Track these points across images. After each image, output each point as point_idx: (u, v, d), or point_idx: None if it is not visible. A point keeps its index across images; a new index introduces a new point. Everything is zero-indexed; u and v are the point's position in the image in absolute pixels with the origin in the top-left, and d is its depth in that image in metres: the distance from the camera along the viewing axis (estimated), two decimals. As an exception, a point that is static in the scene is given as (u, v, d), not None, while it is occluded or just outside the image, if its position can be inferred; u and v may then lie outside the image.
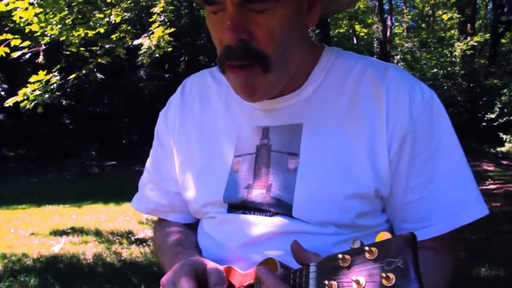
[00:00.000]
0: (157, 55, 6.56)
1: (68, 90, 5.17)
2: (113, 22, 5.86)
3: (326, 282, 0.57)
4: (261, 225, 0.81)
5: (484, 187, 8.14)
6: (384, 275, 0.52)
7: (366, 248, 0.56)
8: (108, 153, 13.01)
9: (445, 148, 0.81)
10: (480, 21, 20.15)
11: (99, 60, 5.22)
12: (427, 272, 0.78)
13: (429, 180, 0.80)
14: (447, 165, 0.81)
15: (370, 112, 0.80)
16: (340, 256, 0.57)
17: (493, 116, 15.39)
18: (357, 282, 0.54)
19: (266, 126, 0.86)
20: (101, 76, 5.47)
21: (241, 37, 0.73)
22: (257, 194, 0.82)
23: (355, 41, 21.59)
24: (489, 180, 9.39)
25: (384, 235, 0.58)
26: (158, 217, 1.05)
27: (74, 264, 3.97)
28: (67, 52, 5.62)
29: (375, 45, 21.72)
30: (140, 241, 5.00)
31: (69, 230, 5.52)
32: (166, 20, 7.44)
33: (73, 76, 5.21)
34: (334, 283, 0.56)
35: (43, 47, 4.87)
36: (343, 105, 0.82)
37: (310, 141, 0.82)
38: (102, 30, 5.64)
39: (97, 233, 5.43)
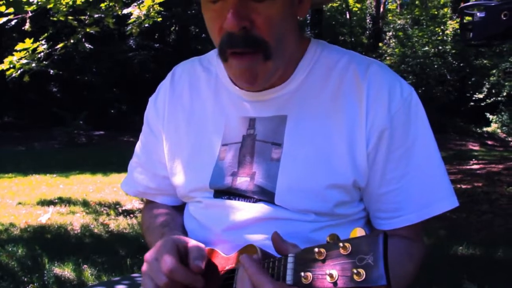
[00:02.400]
0: (146, 25, 6.47)
1: (56, 57, 5.09)
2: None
3: (302, 273, 0.61)
4: (245, 210, 0.84)
5: (468, 167, 8.31)
6: (355, 270, 0.56)
7: (341, 244, 0.59)
8: (96, 123, 12.93)
9: (420, 144, 0.85)
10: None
11: (88, 30, 5.14)
12: (399, 259, 0.83)
13: (404, 173, 0.85)
14: (421, 160, 0.85)
15: (352, 107, 0.83)
16: (316, 249, 0.61)
17: (481, 96, 15.56)
18: (331, 276, 0.57)
19: (253, 117, 0.89)
20: (90, 46, 5.36)
21: (244, 24, 0.76)
22: (242, 181, 0.86)
23: (348, 16, 21.40)
24: (473, 160, 9.57)
25: (358, 232, 0.62)
26: (146, 198, 1.08)
27: (61, 235, 4.01)
28: (54, 18, 5.52)
29: (368, 20, 21.58)
30: (128, 213, 5.05)
31: (56, 200, 5.54)
32: (157, -10, 7.28)
33: (61, 45, 5.13)
34: (310, 274, 0.60)
35: (30, 14, 4.77)
36: (326, 99, 0.85)
37: (294, 133, 0.85)
38: (90, -2, 5.52)
39: (85, 204, 5.46)
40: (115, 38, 13.01)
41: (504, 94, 14.69)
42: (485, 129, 15.58)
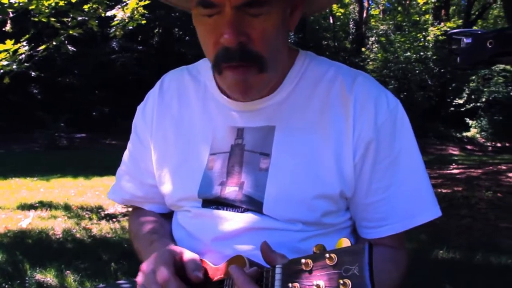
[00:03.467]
0: (130, 27, 6.43)
1: (37, 58, 5.02)
2: (85, -9, 5.68)
3: (290, 284, 0.62)
4: (233, 220, 0.85)
5: (448, 171, 8.45)
6: (341, 281, 0.58)
7: (327, 254, 0.61)
8: (78, 125, 12.77)
9: (405, 156, 0.87)
10: (454, 7, 20.44)
11: (71, 32, 5.08)
12: (384, 267, 0.86)
13: (389, 184, 0.87)
14: (406, 171, 0.87)
15: (339, 118, 0.85)
16: (303, 260, 0.63)
17: (461, 101, 15.86)
18: (318, 286, 0.59)
19: (241, 127, 0.90)
20: (73, 48, 5.31)
21: (240, 39, 0.77)
22: (230, 191, 0.87)
23: (331, 21, 21.60)
24: (453, 164, 9.74)
25: (344, 242, 0.64)
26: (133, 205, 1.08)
27: (43, 240, 3.95)
28: (36, 19, 5.45)
29: (351, 25, 21.80)
30: (110, 217, 5.00)
31: (37, 204, 5.45)
32: (141, -8, 7.24)
33: (43, 47, 5.07)
34: (297, 285, 0.61)
35: (11, 15, 4.70)
36: (314, 110, 0.87)
37: (282, 143, 0.87)
38: (73, 0, 5.47)
39: (66, 208, 5.38)
40: (97, 40, 12.88)
41: (483, 100, 15.01)
42: (464, 134, 15.87)
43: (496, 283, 3.07)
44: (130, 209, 3.82)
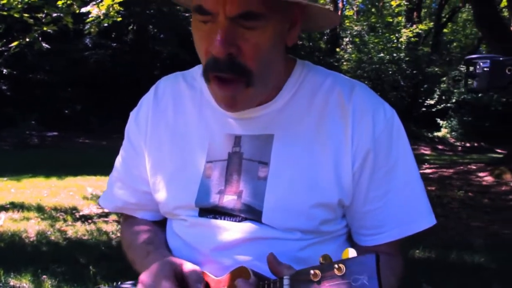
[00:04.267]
0: (105, 24, 6.31)
1: (6, 54, 4.88)
2: (59, -13, 5.54)
3: None
4: (232, 230, 0.85)
5: (421, 171, 8.62)
6: None
7: (336, 265, 0.62)
8: (50, 123, 12.44)
9: (401, 164, 0.89)
10: (426, 10, 20.91)
11: (45, 28, 4.95)
12: (382, 274, 0.87)
13: (386, 192, 0.88)
14: (402, 179, 0.89)
15: (337, 129, 0.86)
16: (312, 271, 0.63)
17: (432, 102, 16.24)
18: None
19: (238, 134, 0.89)
20: (47, 46, 5.18)
21: (230, 51, 0.77)
22: (229, 200, 0.86)
23: (306, 21, 21.70)
24: (426, 164, 9.98)
25: (350, 252, 0.65)
26: (125, 213, 1.06)
27: (16, 243, 3.83)
28: (5, 13, 5.29)
29: (326, 26, 21.95)
30: (85, 218, 4.90)
31: (8, 206, 5.29)
32: (117, -11, 7.11)
33: (15, 43, 4.92)
34: None
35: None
36: (312, 119, 0.88)
37: (280, 152, 0.87)
38: (47, -5, 5.33)
39: (39, 209, 5.24)
40: (70, 36, 12.58)
41: (453, 100, 15.41)
42: (436, 134, 16.27)
43: (470, 280, 3.16)
44: (106, 210, 3.75)
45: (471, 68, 0.95)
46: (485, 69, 0.92)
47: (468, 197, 6.10)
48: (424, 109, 16.53)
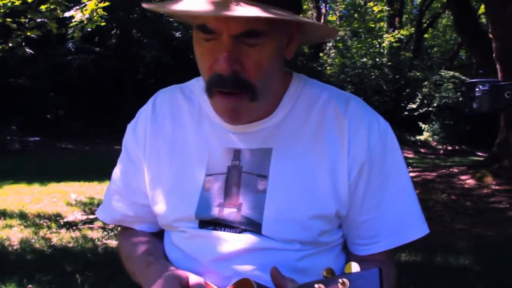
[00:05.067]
0: (89, 29, 6.25)
1: (-14, 58, 4.80)
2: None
3: None
4: (232, 241, 0.86)
5: (404, 175, 8.74)
6: None
7: (340, 279, 0.63)
8: (31, 128, 12.24)
9: (394, 176, 0.92)
10: (407, 15, 21.24)
11: (29, 34, 4.89)
12: None
13: (380, 203, 0.91)
14: (396, 190, 0.92)
15: (334, 141, 0.89)
16: (316, 285, 0.64)
17: (414, 106, 16.46)
18: None
19: (237, 148, 0.91)
20: (30, 51, 5.10)
21: (234, 68, 0.79)
22: (229, 212, 0.88)
23: (290, 26, 21.83)
24: (409, 167, 10.09)
25: (353, 267, 0.66)
26: (123, 225, 1.06)
27: (-1, 251, 3.78)
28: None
29: (309, 31, 22.11)
30: (70, 225, 4.84)
31: (-10, 213, 5.20)
32: (101, -7, 7.06)
33: (-3, 48, 4.85)
34: None
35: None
36: (309, 133, 0.90)
37: (279, 165, 0.89)
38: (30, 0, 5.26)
39: (22, 216, 5.16)
40: (53, 41, 12.41)
41: (435, 104, 15.64)
42: (418, 137, 16.50)
43: (456, 282, 3.22)
44: (91, 216, 3.75)
45: (475, 89, 0.99)
46: (484, 92, 0.96)
47: (451, 200, 6.21)
48: (406, 113, 16.75)
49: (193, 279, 0.80)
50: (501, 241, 4.56)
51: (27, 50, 4.93)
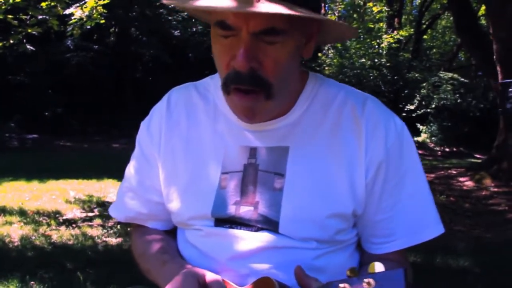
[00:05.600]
0: (88, 27, 6.23)
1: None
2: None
3: None
4: (249, 239, 0.87)
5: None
6: None
7: (365, 279, 0.63)
8: (30, 126, 12.21)
9: (411, 175, 0.92)
10: (406, 16, 21.27)
11: (30, 31, 4.88)
12: None
13: (396, 202, 0.91)
14: (412, 189, 0.92)
15: (351, 140, 0.89)
16: (341, 285, 0.65)
17: (412, 107, 16.46)
18: None
19: (254, 146, 0.91)
20: (32, 48, 5.10)
21: (252, 65, 0.79)
22: (245, 210, 0.88)
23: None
24: (407, 168, 10.10)
25: (377, 266, 0.66)
26: (136, 223, 1.06)
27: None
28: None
29: (309, 31, 22.11)
30: (69, 222, 4.83)
31: (-11, 210, 5.18)
32: (101, -9, 7.04)
33: (-2, 45, 4.83)
34: None
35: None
36: (326, 132, 0.90)
37: (296, 163, 0.89)
38: (30, -4, 5.25)
39: (22, 213, 5.14)
40: (51, 38, 12.37)
41: (433, 106, 15.66)
42: (416, 138, 16.50)
43: (456, 284, 3.23)
44: (90, 214, 3.73)
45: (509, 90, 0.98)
46: None
47: (450, 201, 6.22)
48: (404, 114, 16.73)
49: (210, 276, 0.81)
50: (500, 243, 4.57)
51: (28, 47, 4.91)
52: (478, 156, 13.59)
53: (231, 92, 0.83)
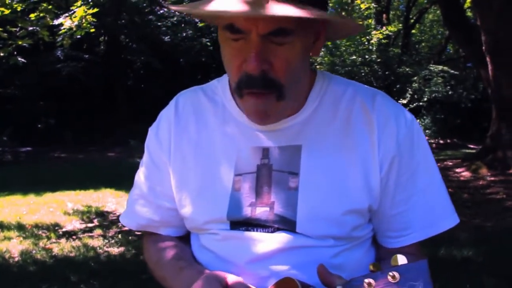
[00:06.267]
0: (78, 36, 6.21)
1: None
2: (30, 0, 5.45)
3: None
4: (267, 241, 0.86)
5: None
6: None
7: (390, 273, 0.63)
8: (23, 139, 12.13)
9: (423, 167, 0.92)
10: (394, 12, 21.38)
11: (20, 43, 4.85)
12: None
13: (411, 195, 0.91)
14: (426, 181, 0.92)
15: (363, 136, 0.89)
16: (366, 280, 0.64)
17: (404, 101, 16.52)
18: None
19: (266, 146, 0.90)
20: (23, 60, 5.06)
21: (263, 67, 0.79)
22: (261, 211, 0.87)
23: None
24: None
25: (399, 259, 0.66)
26: (148, 231, 1.05)
27: (0, 264, 3.72)
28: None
29: (297, 30, 22.18)
30: (70, 234, 4.80)
31: (-13, 226, 5.13)
32: (90, 0, 7.02)
33: (-11, 59, 4.79)
34: None
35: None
36: (338, 128, 0.90)
37: (309, 161, 0.88)
38: (19, 8, 5.22)
39: (20, 228, 5.10)
40: (40, 49, 12.30)
41: (425, 99, 15.74)
42: (409, 132, 16.55)
43: (460, 273, 3.24)
44: (90, 224, 3.72)
45: None
46: None
47: (448, 192, 6.24)
48: (397, 108, 16.82)
49: (232, 278, 0.80)
50: (501, 232, 4.60)
51: (20, 59, 4.88)
52: (472, 146, 13.68)
53: (244, 95, 0.83)
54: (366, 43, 16.99)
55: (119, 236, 4.64)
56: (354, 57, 16.59)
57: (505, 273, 3.26)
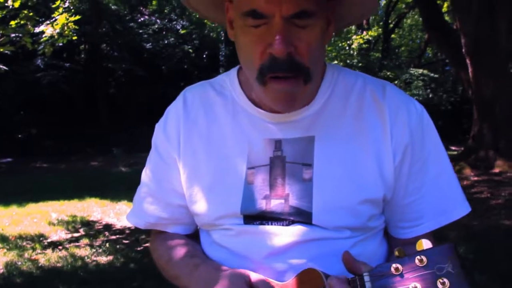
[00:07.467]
0: (60, 44, 6.13)
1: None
2: (11, 7, 5.36)
3: None
4: (283, 235, 0.84)
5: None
6: (440, 280, 0.60)
7: (418, 256, 0.62)
8: (3, 149, 11.88)
9: (434, 156, 0.92)
10: (374, 17, 21.70)
11: (1, 50, 4.75)
12: None
13: (422, 184, 0.91)
14: (436, 171, 0.91)
15: (375, 126, 0.88)
16: (393, 265, 0.63)
17: (386, 105, 16.76)
18: None
19: (278, 138, 0.89)
20: (5, 68, 4.96)
21: (289, 50, 0.78)
22: (276, 204, 0.86)
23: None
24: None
25: (424, 243, 0.66)
26: (155, 230, 1.02)
27: (-15, 277, 3.62)
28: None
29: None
30: (55, 245, 4.69)
31: (-31, 238, 4.99)
32: (71, 7, 6.95)
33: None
34: None
35: None
36: (349, 119, 0.89)
37: (323, 152, 0.87)
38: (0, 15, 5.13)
39: (3, 239, 4.97)
40: (19, 58, 12.09)
41: (407, 102, 15.98)
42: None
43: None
44: (75, 234, 3.65)
45: None
46: None
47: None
48: (379, 112, 17.05)
49: (255, 276, 0.78)
50: (487, 230, 4.68)
51: (1, 67, 4.79)
52: (453, 148, 13.90)
53: (268, 81, 0.81)
54: (347, 47, 17.19)
55: (107, 245, 4.56)
56: (335, 62, 16.74)
57: (496, 269, 3.30)
